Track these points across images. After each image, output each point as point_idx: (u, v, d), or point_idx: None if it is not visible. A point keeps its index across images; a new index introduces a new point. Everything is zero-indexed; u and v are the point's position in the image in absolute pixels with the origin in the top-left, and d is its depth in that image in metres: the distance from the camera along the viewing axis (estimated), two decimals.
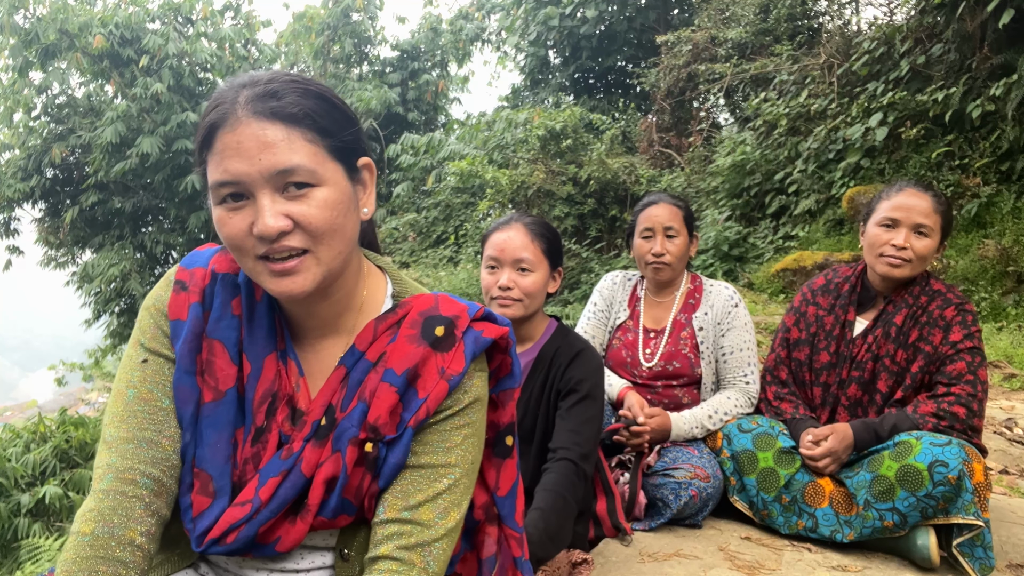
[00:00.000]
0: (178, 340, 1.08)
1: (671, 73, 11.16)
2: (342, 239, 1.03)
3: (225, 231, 1.00)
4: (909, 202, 2.22)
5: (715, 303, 2.53)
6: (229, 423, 1.07)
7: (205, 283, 1.12)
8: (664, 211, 2.52)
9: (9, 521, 6.11)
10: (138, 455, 1.04)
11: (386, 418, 1.05)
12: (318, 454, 1.05)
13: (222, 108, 0.99)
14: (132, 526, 0.99)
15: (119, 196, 14.32)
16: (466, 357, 1.08)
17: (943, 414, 2.11)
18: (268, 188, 0.97)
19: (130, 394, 1.07)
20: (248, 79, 1.01)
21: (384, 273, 1.19)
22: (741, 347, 2.47)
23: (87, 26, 12.90)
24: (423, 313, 1.10)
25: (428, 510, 1.05)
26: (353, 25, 16.33)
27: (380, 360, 1.08)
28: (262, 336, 1.10)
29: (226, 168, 0.97)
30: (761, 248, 7.84)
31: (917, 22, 7.39)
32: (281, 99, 0.99)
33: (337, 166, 1.03)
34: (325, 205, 0.99)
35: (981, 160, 6.31)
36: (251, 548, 1.06)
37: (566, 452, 1.89)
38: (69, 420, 7.63)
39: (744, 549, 2.13)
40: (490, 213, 11.00)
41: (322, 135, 1.01)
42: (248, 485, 1.06)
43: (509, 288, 2.03)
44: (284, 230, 0.97)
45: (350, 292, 1.12)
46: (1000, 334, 5.02)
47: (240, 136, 0.97)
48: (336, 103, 1.05)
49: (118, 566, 0.96)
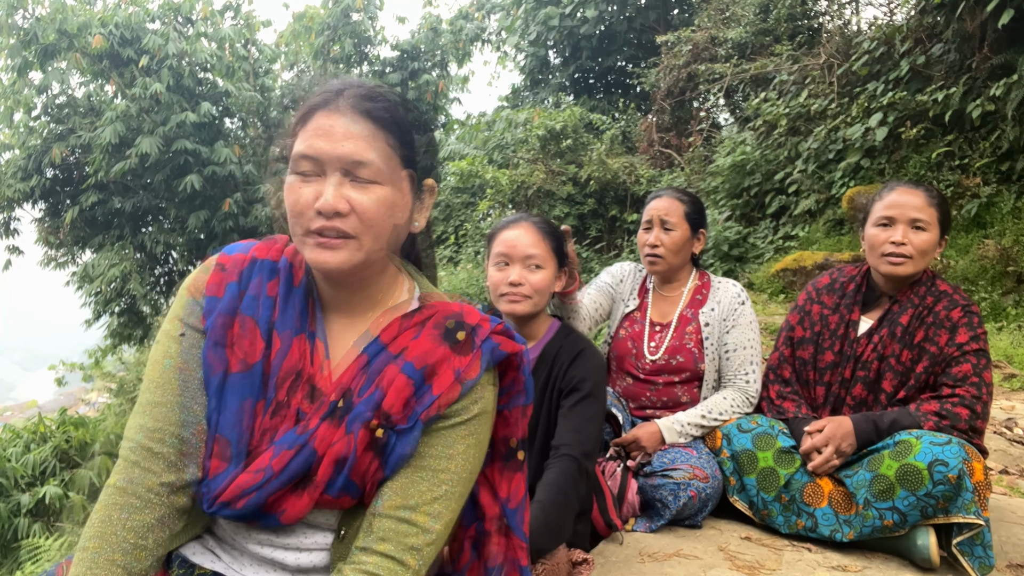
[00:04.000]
0: (212, 314, 1.15)
1: (671, 73, 11.16)
2: (387, 237, 1.13)
3: (292, 198, 1.10)
4: (902, 199, 2.24)
5: (722, 299, 2.54)
6: (252, 394, 1.13)
7: (243, 266, 1.20)
8: (664, 204, 2.54)
9: (9, 521, 6.12)
10: (169, 417, 1.11)
11: (399, 407, 1.10)
12: (331, 433, 1.11)
13: (327, 95, 1.12)
14: (151, 477, 1.09)
15: (119, 196, 14.31)
16: (482, 364, 1.14)
17: (946, 414, 2.11)
18: (339, 172, 1.09)
19: (167, 363, 1.15)
20: (356, 82, 1.15)
21: (414, 281, 1.28)
22: (745, 345, 2.47)
23: (86, 26, 12.89)
24: (448, 317, 1.17)
25: (424, 512, 1.10)
26: (353, 25, 16.32)
27: (401, 353, 1.14)
28: (294, 317, 1.18)
29: (311, 144, 1.09)
30: (761, 248, 7.84)
31: (917, 22, 7.40)
32: (378, 103, 1.12)
33: (404, 176, 1.14)
34: (382, 203, 1.10)
35: (981, 160, 6.31)
36: (258, 516, 1.11)
37: (568, 449, 1.90)
38: (69, 420, 7.64)
39: (744, 549, 2.13)
40: (490, 213, 11.00)
41: (402, 144, 1.13)
42: (263, 455, 1.11)
43: (519, 284, 2.04)
44: (341, 211, 1.07)
45: (382, 288, 1.21)
46: (1000, 334, 5.02)
47: (333, 121, 1.09)
48: (425, 126, 1.20)
49: (132, 511, 1.07)
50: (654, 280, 2.67)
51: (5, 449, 7.16)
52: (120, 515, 1.06)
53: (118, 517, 1.06)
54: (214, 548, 1.21)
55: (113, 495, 1.08)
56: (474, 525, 1.25)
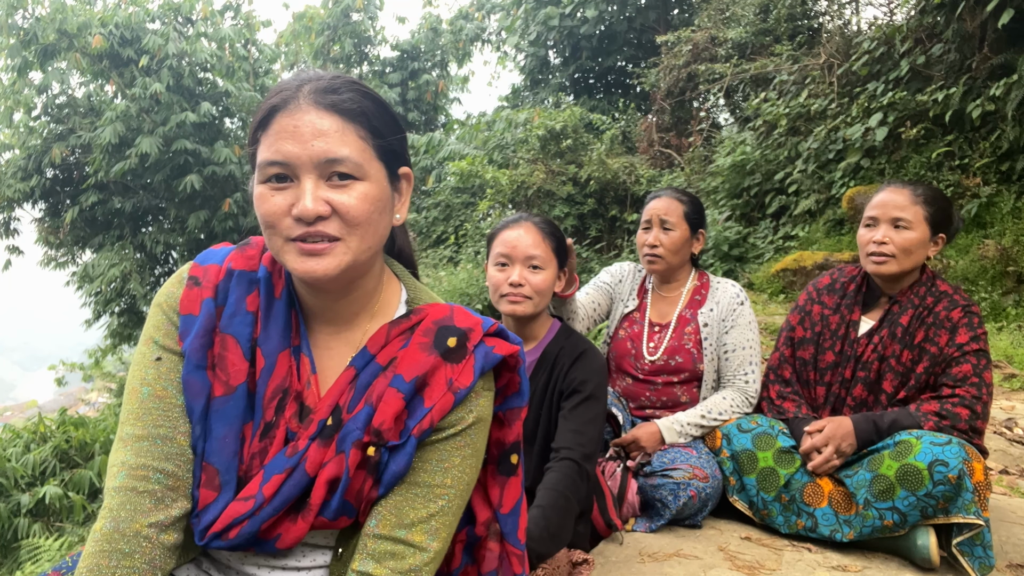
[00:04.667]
0: (189, 335, 1.09)
1: (671, 73, 11.15)
2: (374, 234, 1.06)
3: (264, 208, 1.03)
4: (886, 199, 2.26)
5: (721, 300, 2.54)
6: (238, 418, 1.08)
7: (219, 279, 1.13)
8: (663, 204, 2.55)
9: (9, 521, 6.12)
10: (152, 452, 1.05)
11: (390, 423, 1.05)
12: (322, 454, 1.06)
13: (285, 94, 1.04)
14: (139, 519, 1.01)
15: (119, 196, 14.31)
16: (475, 371, 1.08)
17: (946, 414, 2.11)
18: (314, 174, 1.01)
19: (144, 392, 1.08)
20: (313, 75, 1.07)
21: (400, 280, 1.21)
22: (744, 345, 2.47)
23: (86, 26, 12.89)
24: (437, 322, 1.11)
25: (420, 531, 1.06)
26: (353, 25, 16.33)
27: (390, 365, 1.09)
28: (277, 332, 1.11)
29: (278, 149, 1.01)
30: (761, 248, 7.84)
31: (917, 22, 7.39)
32: (341, 95, 1.04)
33: (380, 167, 1.07)
34: (365, 198, 1.03)
35: (981, 160, 6.31)
36: (252, 544, 1.07)
37: (569, 452, 1.89)
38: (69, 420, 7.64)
39: (744, 549, 2.13)
40: (490, 213, 11.00)
41: (373, 134, 1.06)
42: (252, 481, 1.06)
43: (520, 285, 2.04)
44: (322, 215, 1.01)
45: (369, 293, 1.15)
46: (1000, 334, 5.02)
47: (297, 121, 1.01)
48: (389, 110, 1.11)
49: (120, 557, 0.99)
50: (653, 280, 2.68)
51: (5, 449, 7.16)
52: (108, 563, 0.99)
53: (107, 565, 0.99)
54: (209, 570, 1.17)
55: (100, 542, 1.00)
56: (465, 530, 1.22)
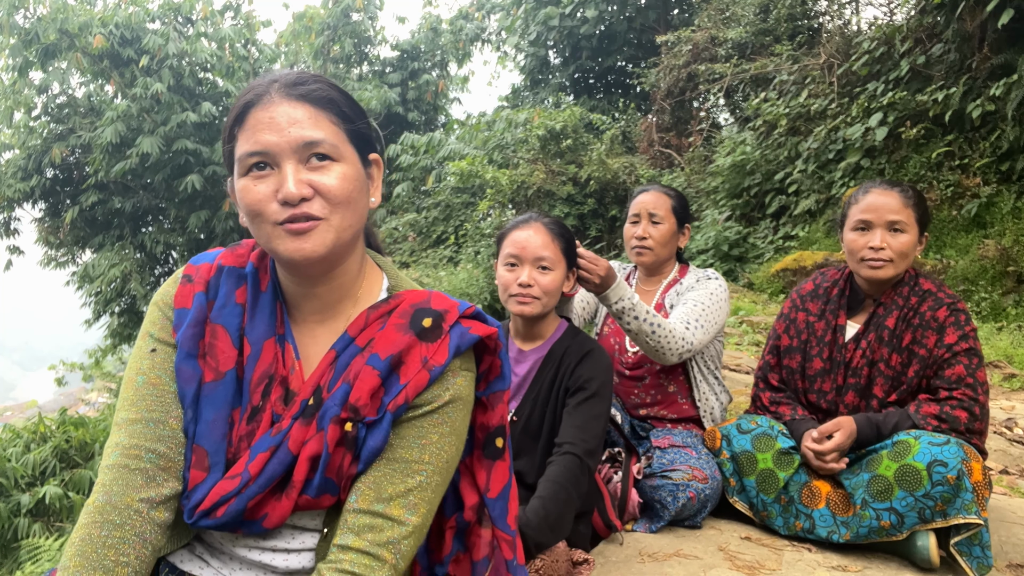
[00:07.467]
0: (181, 327, 1.15)
1: (671, 73, 11.16)
2: (354, 213, 1.12)
3: (249, 198, 1.09)
4: (878, 201, 2.21)
5: (689, 279, 2.55)
6: (227, 402, 1.13)
7: (210, 275, 1.20)
8: (651, 198, 2.58)
9: (9, 521, 6.11)
10: (144, 433, 1.10)
11: (367, 400, 1.09)
12: (304, 432, 1.11)
13: (257, 90, 1.11)
14: (130, 493, 1.07)
15: (119, 196, 14.32)
16: (450, 350, 1.12)
17: (945, 417, 2.10)
18: (294, 159, 1.08)
19: (139, 380, 1.14)
20: (279, 74, 1.14)
21: (382, 270, 1.27)
22: (697, 301, 2.41)
23: (87, 26, 12.90)
24: (414, 305, 1.16)
25: (399, 505, 1.09)
26: (353, 25, 16.33)
27: (368, 345, 1.14)
28: (263, 322, 1.18)
29: (257, 139, 1.08)
30: (761, 248, 7.85)
31: (917, 22, 7.40)
32: (309, 86, 1.11)
33: (353, 151, 1.14)
34: (344, 178, 1.10)
35: (981, 160, 6.32)
36: (240, 523, 1.10)
37: (571, 447, 1.91)
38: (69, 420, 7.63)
39: (744, 549, 2.13)
40: (490, 213, 11.01)
41: (343, 119, 1.13)
42: (240, 460, 1.11)
43: (529, 286, 2.05)
44: (306, 196, 1.07)
45: (351, 280, 1.20)
46: (1000, 334, 5.02)
47: (272, 112, 1.08)
48: (354, 100, 1.19)
49: (111, 528, 1.04)
50: (638, 275, 2.71)
51: (5, 449, 7.16)
52: (99, 532, 1.04)
53: (97, 535, 1.03)
54: (203, 554, 1.20)
55: (92, 514, 1.06)
56: (455, 515, 1.25)
